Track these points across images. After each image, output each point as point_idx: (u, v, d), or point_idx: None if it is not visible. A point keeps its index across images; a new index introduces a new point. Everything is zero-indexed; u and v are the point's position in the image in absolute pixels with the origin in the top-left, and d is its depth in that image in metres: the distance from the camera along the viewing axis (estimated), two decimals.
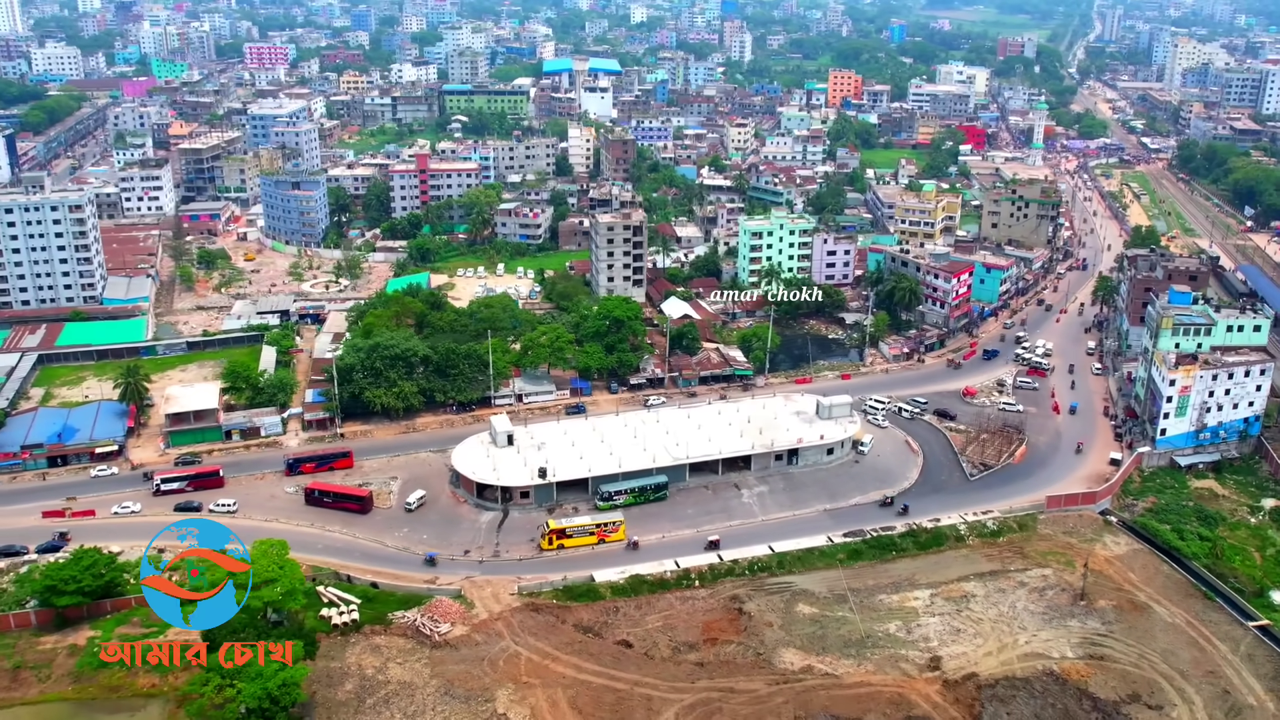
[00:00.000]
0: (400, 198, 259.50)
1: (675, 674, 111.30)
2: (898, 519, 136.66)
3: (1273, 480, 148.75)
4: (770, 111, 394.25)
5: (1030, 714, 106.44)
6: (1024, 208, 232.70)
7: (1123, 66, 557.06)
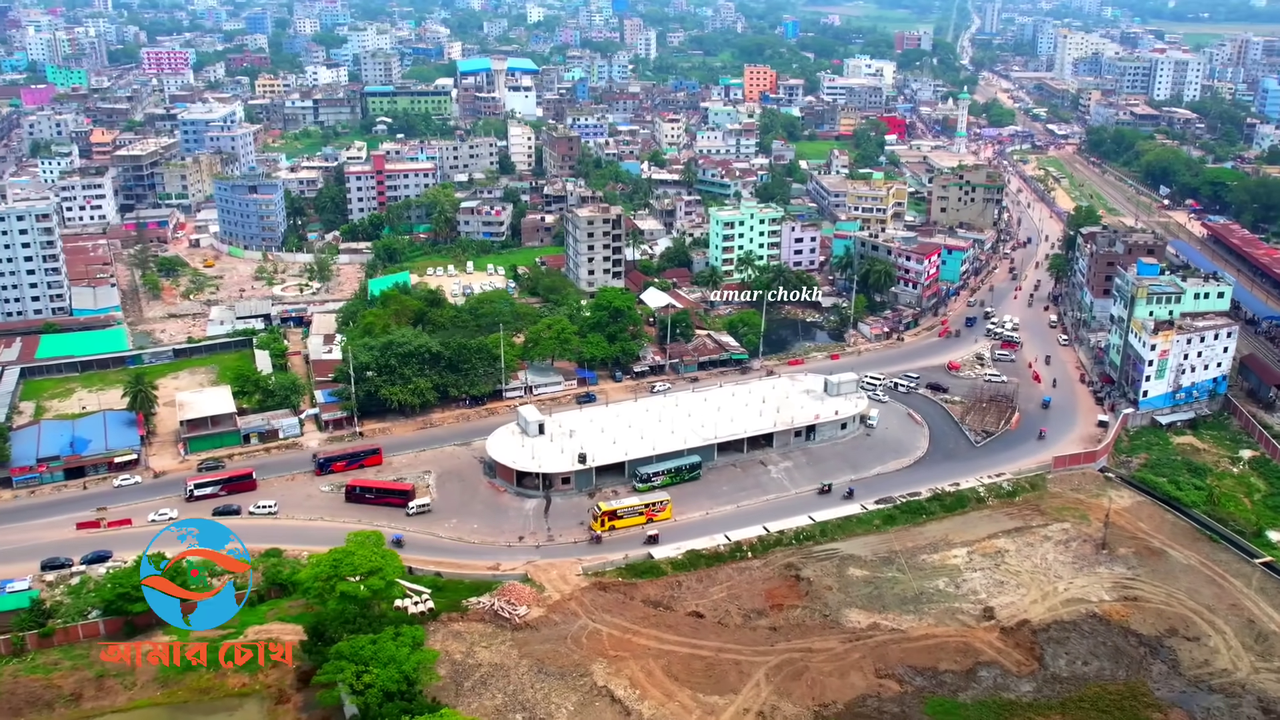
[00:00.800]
0: (357, 199, 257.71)
1: (753, 639, 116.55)
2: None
3: (1244, 433, 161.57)
4: (694, 107, 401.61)
5: (1085, 652, 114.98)
6: (970, 192, 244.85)
7: (1012, 58, 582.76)
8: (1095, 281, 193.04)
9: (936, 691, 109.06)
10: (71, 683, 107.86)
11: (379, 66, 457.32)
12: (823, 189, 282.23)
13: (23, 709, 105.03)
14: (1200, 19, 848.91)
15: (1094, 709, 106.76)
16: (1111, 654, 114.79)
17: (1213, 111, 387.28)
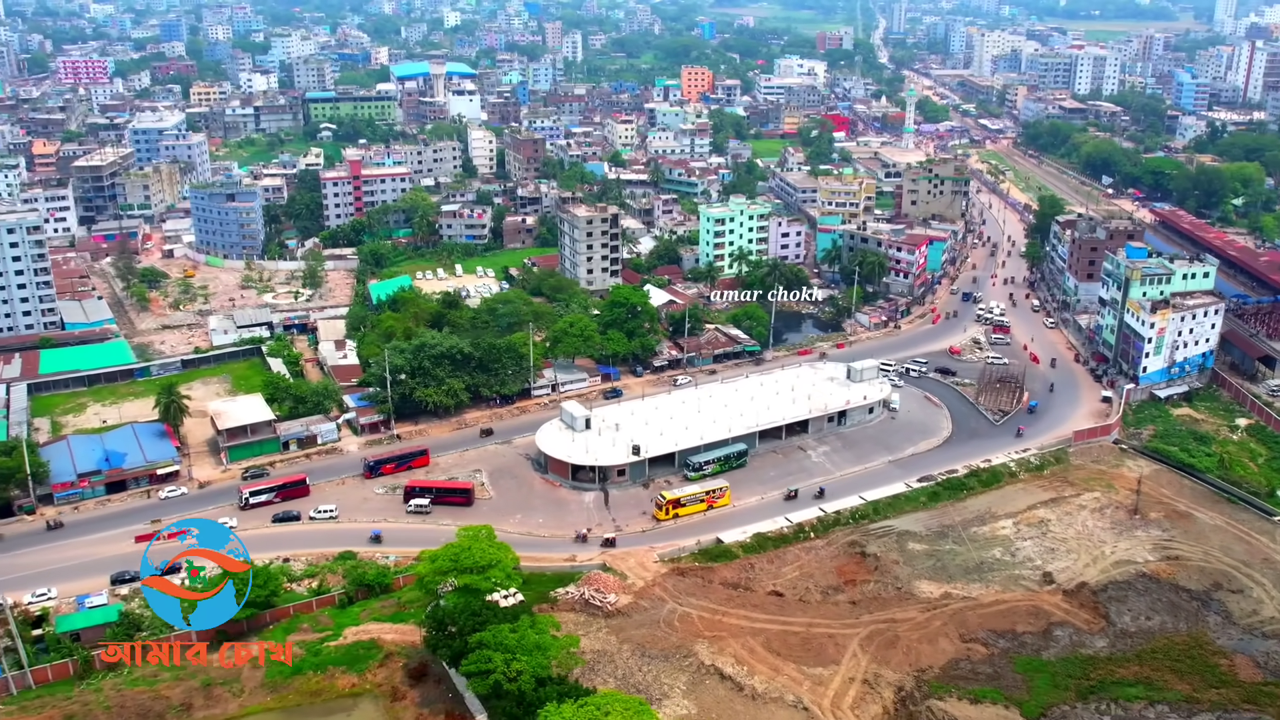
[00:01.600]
0: (334, 205, 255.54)
1: (837, 613, 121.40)
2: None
3: (1235, 403, 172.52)
4: (638, 108, 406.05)
5: (1145, 608, 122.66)
6: (939, 185, 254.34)
7: (928, 56, 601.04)
8: (1079, 267, 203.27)
9: (1020, 652, 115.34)
10: (179, 693, 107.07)
11: (312, 72, 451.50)
12: (788, 185, 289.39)
13: (137, 718, 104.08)
14: (1092, 16, 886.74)
15: (1166, 658, 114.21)
16: (1168, 608, 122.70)
17: (1134, 104, 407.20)
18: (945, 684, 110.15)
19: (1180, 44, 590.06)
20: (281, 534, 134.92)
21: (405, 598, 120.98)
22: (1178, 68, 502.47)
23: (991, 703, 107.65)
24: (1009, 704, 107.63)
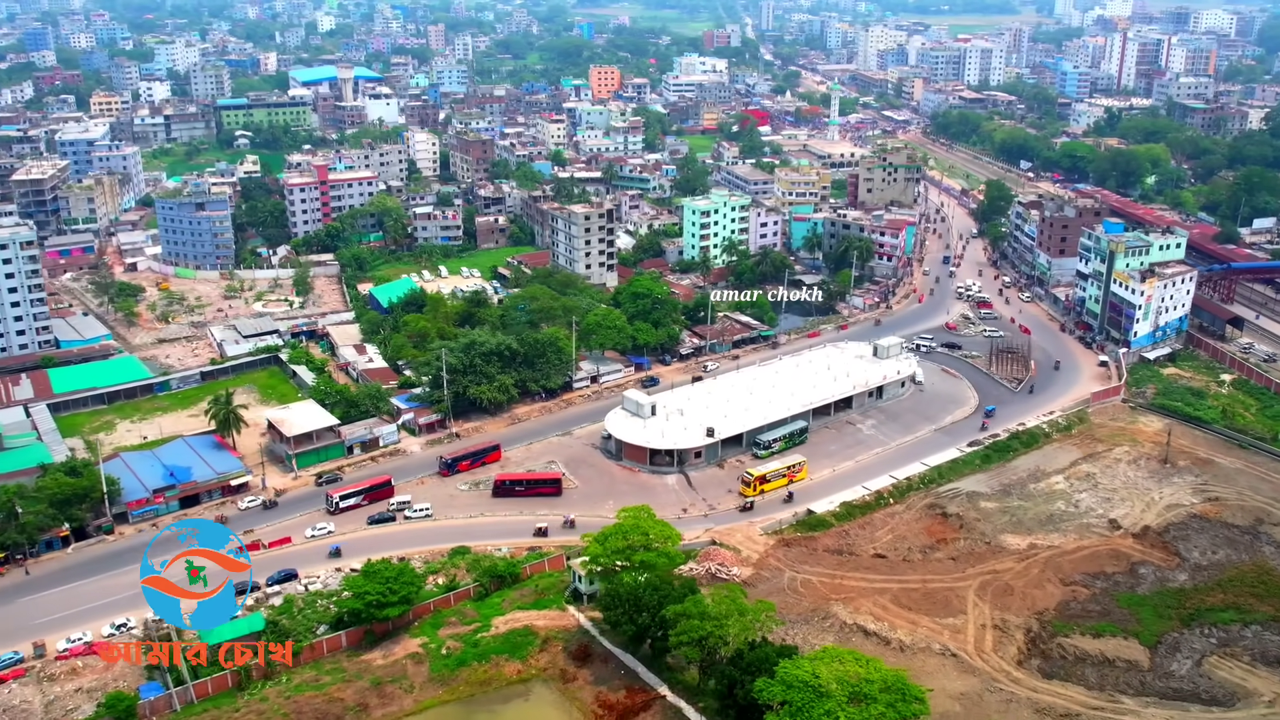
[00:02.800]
0: (302, 211, 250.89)
1: (943, 569, 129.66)
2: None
3: (1214, 361, 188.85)
4: (556, 108, 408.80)
5: (1207, 544, 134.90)
6: (893, 173, 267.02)
7: (810, 52, 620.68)
8: (1051, 244, 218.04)
9: (1118, 590, 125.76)
10: (351, 694, 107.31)
11: (210, 80, 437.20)
12: (738, 178, 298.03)
13: None
14: (942, 11, 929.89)
15: (1243, 585, 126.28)
16: (1227, 543, 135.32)
17: (1026, 94, 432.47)
18: (1065, 623, 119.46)
19: (1038, 35, 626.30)
20: (381, 535, 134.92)
21: (541, 585, 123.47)
22: (1048, 58, 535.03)
23: (1111, 635, 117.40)
24: (1126, 635, 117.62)
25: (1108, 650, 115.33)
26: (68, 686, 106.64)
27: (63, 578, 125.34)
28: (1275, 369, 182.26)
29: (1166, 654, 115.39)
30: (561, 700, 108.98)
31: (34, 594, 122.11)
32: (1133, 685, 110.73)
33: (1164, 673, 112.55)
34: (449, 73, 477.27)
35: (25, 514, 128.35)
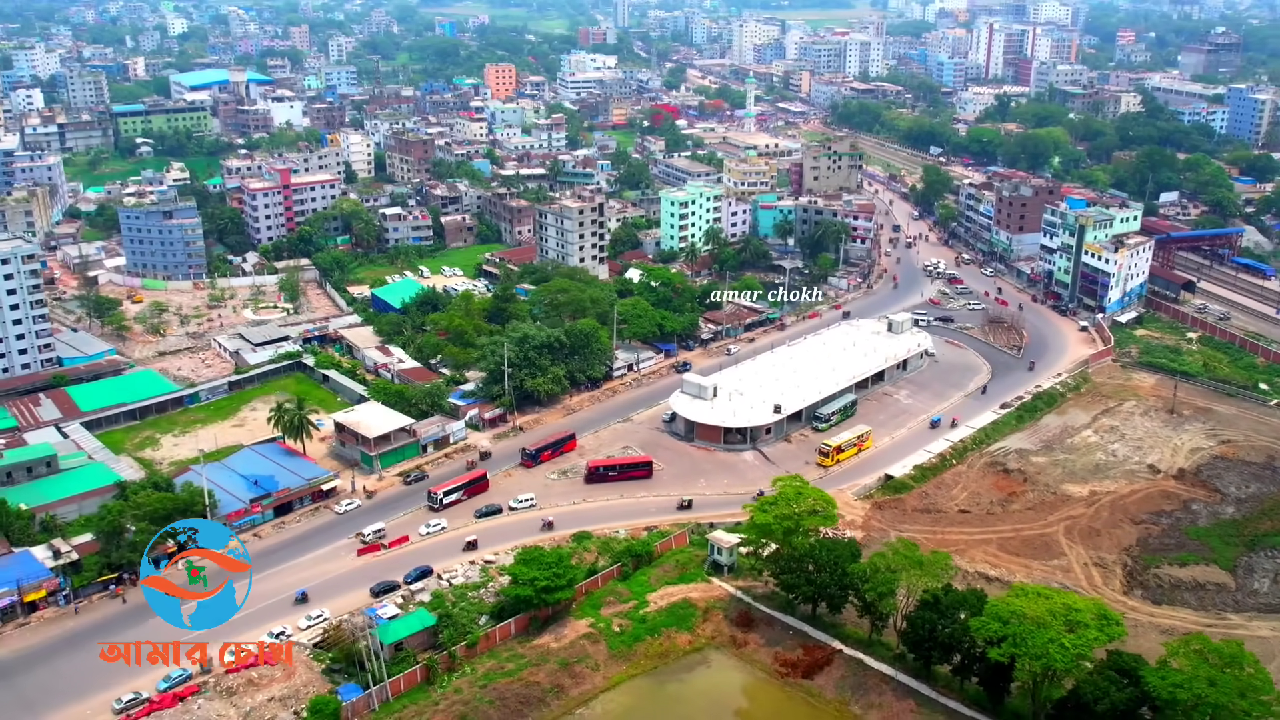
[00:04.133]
0: (265, 217, 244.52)
1: (1026, 519, 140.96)
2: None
3: (1176, 321, 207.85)
4: (464, 106, 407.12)
5: (1239, 480, 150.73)
6: (838, 160, 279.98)
7: (681, 48, 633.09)
8: (1010, 221, 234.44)
9: (1182, 524, 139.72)
10: (543, 676, 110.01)
11: (88, 86, 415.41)
12: (678, 170, 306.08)
13: (525, 709, 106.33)
14: (783, 7, 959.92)
15: None
16: (1255, 478, 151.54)
17: (910, 84, 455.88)
18: (1151, 556, 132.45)
19: (893, 29, 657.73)
20: (493, 527, 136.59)
21: (679, 560, 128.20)
22: (911, 50, 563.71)
23: (1195, 564, 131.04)
24: (1207, 562, 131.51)
25: (1197, 576, 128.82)
26: (257, 697, 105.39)
27: None
28: (1233, 325, 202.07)
29: (1245, 575, 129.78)
30: (741, 664, 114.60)
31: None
32: (1229, 604, 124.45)
33: (1250, 591, 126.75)
34: (337, 74, 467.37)
35: (138, 533, 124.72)
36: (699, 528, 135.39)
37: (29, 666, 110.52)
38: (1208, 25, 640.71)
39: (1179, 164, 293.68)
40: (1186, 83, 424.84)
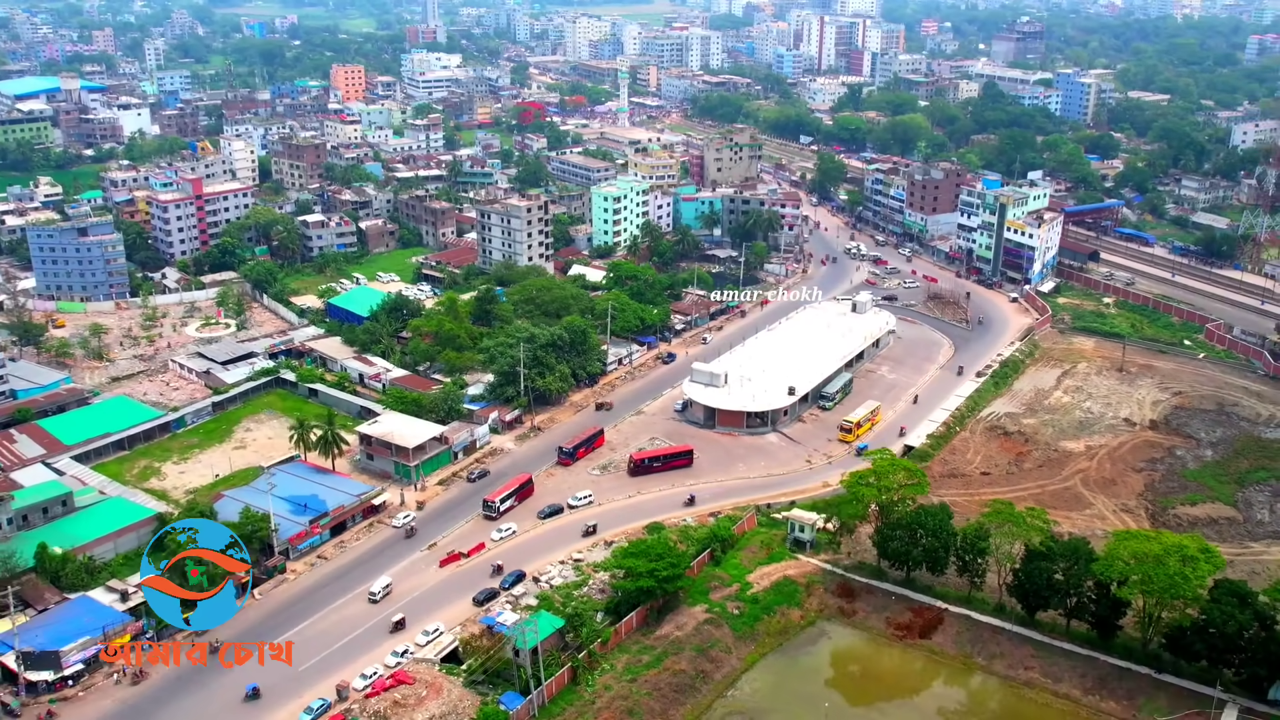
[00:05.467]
0: (178, 230, 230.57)
1: (1045, 475, 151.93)
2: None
3: (1089, 289, 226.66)
4: (322, 109, 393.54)
5: (1204, 426, 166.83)
6: (739, 152, 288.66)
7: (511, 45, 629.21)
8: (924, 203, 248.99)
9: (1175, 469, 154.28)
10: (686, 664, 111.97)
11: None
12: (574, 167, 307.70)
13: (681, 697, 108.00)
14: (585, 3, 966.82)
15: (1255, 452, 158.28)
16: (1215, 423, 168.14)
17: (757, 76, 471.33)
18: (1163, 498, 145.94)
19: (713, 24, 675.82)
20: (559, 526, 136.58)
21: (762, 540, 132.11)
22: (738, 44, 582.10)
23: (1202, 502, 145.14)
24: (1210, 499, 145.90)
25: (1209, 513, 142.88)
26: (416, 717, 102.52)
27: (285, 622, 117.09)
28: (1140, 289, 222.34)
29: (1246, 508, 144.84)
30: (856, 631, 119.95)
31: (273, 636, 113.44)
32: (1244, 535, 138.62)
33: (1256, 522, 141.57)
34: (169, 79, 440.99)
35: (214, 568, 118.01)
36: (763, 509, 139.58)
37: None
38: (998, 16, 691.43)
39: (1038, 145, 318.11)
40: (1005, 69, 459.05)
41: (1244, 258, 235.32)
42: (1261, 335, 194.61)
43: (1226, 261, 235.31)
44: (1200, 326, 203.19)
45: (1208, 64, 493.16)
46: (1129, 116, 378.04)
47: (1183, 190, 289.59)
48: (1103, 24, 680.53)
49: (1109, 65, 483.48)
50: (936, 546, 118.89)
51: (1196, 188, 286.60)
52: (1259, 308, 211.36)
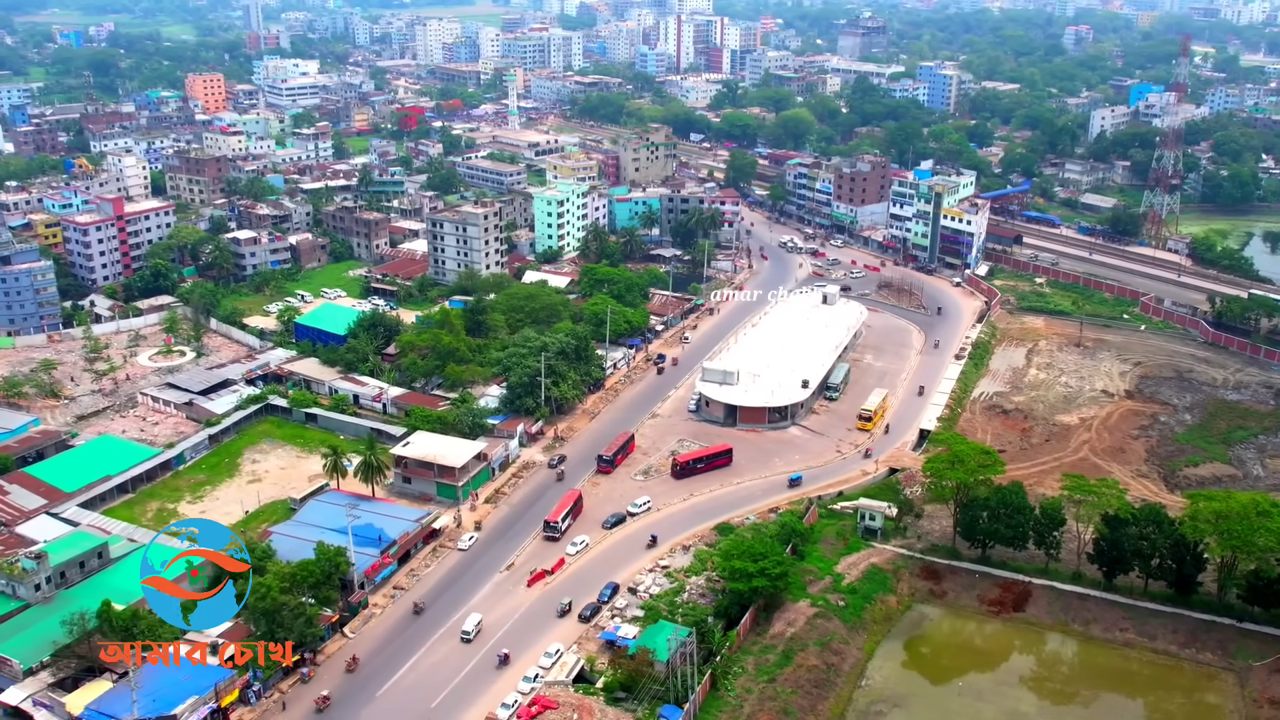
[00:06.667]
0: (100, 254, 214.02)
1: (1055, 449, 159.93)
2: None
3: (1018, 270, 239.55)
4: (189, 121, 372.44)
5: (1174, 392, 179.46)
6: (655, 151, 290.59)
7: (356, 50, 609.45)
8: (854, 195, 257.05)
9: (1167, 433, 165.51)
10: (814, 659, 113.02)
11: None
12: (485, 171, 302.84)
13: (823, 691, 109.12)
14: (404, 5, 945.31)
15: (1227, 412, 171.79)
16: (1182, 389, 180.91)
17: (627, 76, 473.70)
18: (1168, 461, 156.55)
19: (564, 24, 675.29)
20: (628, 534, 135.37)
21: (835, 532, 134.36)
22: (590, 42, 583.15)
23: (1203, 462, 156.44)
24: (1208, 459, 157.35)
25: (1213, 472, 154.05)
26: None
27: (387, 664, 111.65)
28: (1066, 268, 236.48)
29: (1240, 465, 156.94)
30: (952, 610, 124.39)
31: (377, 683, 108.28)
32: (1247, 488, 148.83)
33: (1254, 477, 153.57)
34: (6, 95, 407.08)
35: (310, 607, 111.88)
36: (817, 501, 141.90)
37: None
38: (826, 13, 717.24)
39: (924, 135, 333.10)
40: (859, 64, 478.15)
41: (1147, 234, 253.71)
42: (1192, 306, 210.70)
43: (1132, 239, 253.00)
44: (1132, 301, 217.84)
45: (1038, 54, 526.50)
46: (989, 106, 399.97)
47: (1066, 174, 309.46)
48: (927, 18, 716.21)
49: (952, 57, 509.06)
50: (1022, 522, 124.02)
51: (1079, 171, 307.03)
52: (1177, 280, 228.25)
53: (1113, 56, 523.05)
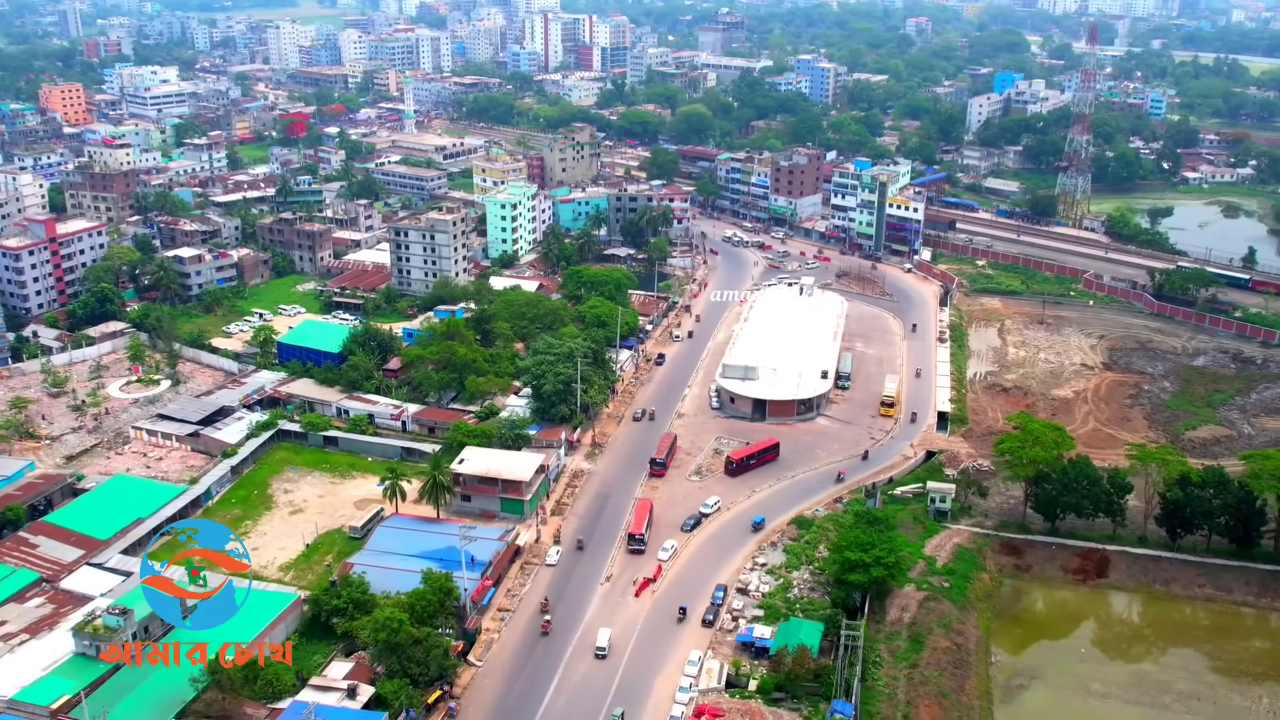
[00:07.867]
0: (33, 280, 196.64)
1: (1064, 422, 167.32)
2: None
3: (956, 254, 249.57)
4: (58, 135, 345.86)
5: (1145, 361, 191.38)
6: (581, 150, 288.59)
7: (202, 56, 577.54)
8: (791, 188, 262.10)
9: (1157, 400, 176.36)
10: (942, 641, 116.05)
11: None
12: (401, 177, 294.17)
13: (962, 671, 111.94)
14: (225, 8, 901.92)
15: (1201, 378, 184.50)
16: (1150, 359, 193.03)
17: (501, 75, 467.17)
18: (1170, 426, 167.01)
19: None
20: (710, 534, 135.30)
21: (910, 516, 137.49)
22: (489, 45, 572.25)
23: (1199, 425, 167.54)
24: (1202, 422, 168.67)
25: (1212, 434, 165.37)
26: None
27: (532, 693, 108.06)
28: (1000, 249, 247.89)
29: (1231, 425, 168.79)
30: (1041, 582, 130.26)
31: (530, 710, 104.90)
32: (1245, 445, 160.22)
33: (1246, 436, 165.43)
34: None
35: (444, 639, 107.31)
36: (874, 488, 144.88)
37: None
38: (666, 11, 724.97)
39: (824, 127, 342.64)
40: (725, 58, 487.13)
41: (1064, 215, 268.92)
42: (1132, 281, 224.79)
43: (1050, 219, 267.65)
44: (1073, 279, 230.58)
45: (891, 46, 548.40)
46: (865, 97, 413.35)
47: (966, 160, 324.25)
48: (769, 12, 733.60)
49: (812, 50, 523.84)
50: (1096, 492, 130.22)
51: (978, 157, 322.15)
52: (1104, 257, 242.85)
53: (961, 47, 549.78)
